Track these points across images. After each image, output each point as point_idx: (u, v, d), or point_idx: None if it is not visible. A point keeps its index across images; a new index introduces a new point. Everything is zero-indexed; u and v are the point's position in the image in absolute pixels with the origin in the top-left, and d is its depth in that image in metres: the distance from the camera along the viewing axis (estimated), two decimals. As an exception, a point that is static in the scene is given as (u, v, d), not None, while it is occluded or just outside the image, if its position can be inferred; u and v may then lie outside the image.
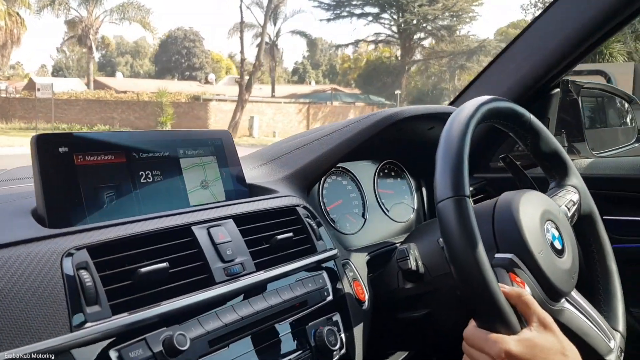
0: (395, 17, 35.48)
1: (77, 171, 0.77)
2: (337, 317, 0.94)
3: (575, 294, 0.97)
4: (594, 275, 1.08)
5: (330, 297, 0.94)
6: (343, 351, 0.92)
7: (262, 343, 0.80)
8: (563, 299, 0.93)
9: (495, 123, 0.96)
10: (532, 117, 0.99)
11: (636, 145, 1.63)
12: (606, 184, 1.47)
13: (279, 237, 0.90)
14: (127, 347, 0.64)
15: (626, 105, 1.73)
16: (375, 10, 35.60)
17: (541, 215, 0.93)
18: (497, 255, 0.88)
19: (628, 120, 1.73)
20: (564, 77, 1.50)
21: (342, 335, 0.93)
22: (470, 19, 34.07)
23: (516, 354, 0.73)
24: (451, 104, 1.58)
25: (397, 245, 1.16)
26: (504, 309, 0.76)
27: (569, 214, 1.04)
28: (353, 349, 0.94)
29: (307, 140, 1.19)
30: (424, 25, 34.87)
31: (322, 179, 1.21)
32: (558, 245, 0.93)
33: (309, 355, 0.85)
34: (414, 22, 34.31)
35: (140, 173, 0.84)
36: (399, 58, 37.62)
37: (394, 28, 36.38)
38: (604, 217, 1.15)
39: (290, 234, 0.92)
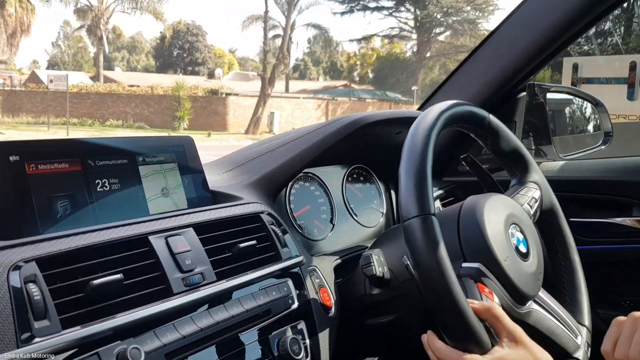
0: (412, 9, 34.04)
1: (28, 180, 0.75)
2: (302, 325, 0.93)
3: (541, 292, 0.98)
4: (558, 270, 1.09)
5: (295, 305, 0.93)
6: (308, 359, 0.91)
7: (223, 354, 0.78)
8: (530, 301, 0.93)
9: (457, 127, 0.96)
10: (491, 117, 1.00)
11: (602, 147, 1.65)
12: (572, 186, 1.49)
13: (242, 245, 0.88)
14: None
15: (592, 108, 1.76)
16: (391, 3, 34.04)
17: (505, 219, 0.93)
18: (464, 264, 0.88)
19: (594, 122, 1.75)
20: (530, 81, 1.52)
21: (307, 343, 0.92)
22: (488, 13, 32.80)
23: None
24: (420, 108, 1.58)
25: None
26: (474, 327, 0.76)
27: (532, 212, 1.05)
28: (318, 357, 0.93)
29: (274, 146, 1.18)
30: (445, 18, 33.50)
31: (289, 184, 1.20)
32: (523, 249, 0.93)
33: None
34: (435, 15, 32.81)
35: (96, 181, 0.82)
36: (415, 53, 36.29)
37: (411, 22, 34.92)
38: (570, 219, 1.16)
39: (254, 242, 0.90)
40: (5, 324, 0.59)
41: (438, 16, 33.37)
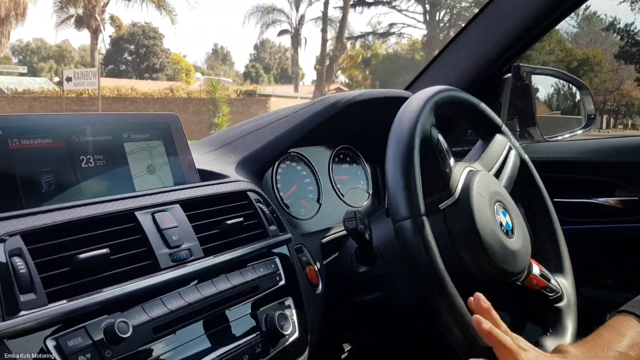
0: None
1: (12, 155, 0.74)
2: (289, 302, 0.93)
3: None
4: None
5: (282, 282, 0.93)
6: (296, 335, 0.91)
7: (211, 329, 0.78)
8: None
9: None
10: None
11: (585, 129, 1.68)
12: (557, 167, 1.50)
13: (229, 222, 0.88)
14: (65, 336, 0.61)
15: (576, 90, 1.77)
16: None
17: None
18: None
19: (577, 105, 1.77)
20: (516, 63, 1.52)
21: (295, 319, 0.92)
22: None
23: None
24: (407, 88, 1.58)
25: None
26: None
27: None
28: (306, 333, 0.93)
29: (259, 125, 1.17)
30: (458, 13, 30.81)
31: (276, 164, 1.20)
32: (508, 226, 0.95)
33: (260, 340, 0.83)
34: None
35: (81, 157, 0.81)
36: (424, 47, 33.09)
37: (419, 17, 32.32)
38: (554, 199, 1.17)
39: (241, 219, 0.90)
40: None
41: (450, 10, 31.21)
